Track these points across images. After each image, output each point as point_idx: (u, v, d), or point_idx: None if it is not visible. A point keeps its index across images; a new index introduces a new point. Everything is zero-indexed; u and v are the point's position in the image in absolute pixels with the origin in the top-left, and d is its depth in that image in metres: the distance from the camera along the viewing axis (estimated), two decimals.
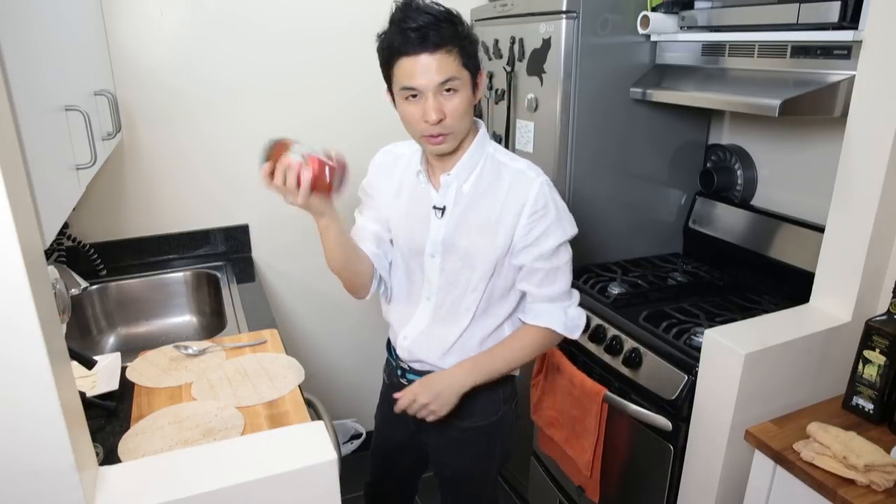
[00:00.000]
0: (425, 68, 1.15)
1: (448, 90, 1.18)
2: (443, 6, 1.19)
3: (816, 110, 1.42)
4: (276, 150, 1.15)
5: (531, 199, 1.24)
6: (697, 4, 1.74)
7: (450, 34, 1.16)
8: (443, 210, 1.29)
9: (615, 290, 1.77)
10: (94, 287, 1.94)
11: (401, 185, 1.36)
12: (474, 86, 1.22)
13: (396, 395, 1.36)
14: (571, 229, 1.30)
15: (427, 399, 1.31)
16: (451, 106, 1.19)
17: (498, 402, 1.41)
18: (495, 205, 1.26)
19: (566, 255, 1.31)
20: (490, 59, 2.14)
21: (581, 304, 1.37)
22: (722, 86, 1.63)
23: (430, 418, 1.33)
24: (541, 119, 1.90)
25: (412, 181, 1.34)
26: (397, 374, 1.46)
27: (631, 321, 1.61)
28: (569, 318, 1.34)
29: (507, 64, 2.01)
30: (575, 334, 1.36)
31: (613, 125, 1.88)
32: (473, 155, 1.28)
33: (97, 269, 2.02)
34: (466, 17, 2.32)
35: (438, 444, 1.46)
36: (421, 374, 1.40)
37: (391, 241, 1.41)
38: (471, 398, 1.36)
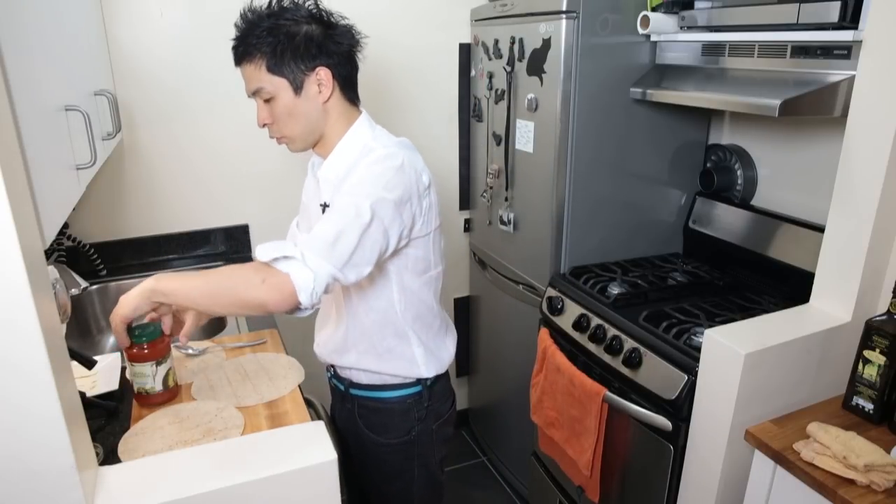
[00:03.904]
0: (244, 78, 1.22)
1: (265, 99, 1.20)
2: (260, 8, 1.18)
3: (816, 110, 1.42)
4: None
5: (361, 160, 1.19)
6: (697, 4, 1.73)
7: (253, 42, 1.16)
8: (324, 207, 1.26)
9: (615, 290, 1.77)
10: (94, 287, 1.94)
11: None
12: (297, 87, 1.18)
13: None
14: (376, 192, 1.11)
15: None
16: (273, 112, 1.21)
17: (410, 420, 1.37)
18: None
19: (353, 214, 1.09)
20: (490, 59, 2.14)
21: (581, 304, 1.35)
22: (722, 86, 1.63)
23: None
24: (541, 119, 1.90)
25: (311, 176, 1.34)
26: (328, 374, 1.47)
27: (631, 321, 1.61)
28: (303, 272, 1.05)
29: (507, 64, 2.01)
30: (281, 291, 1.04)
31: (613, 125, 1.88)
32: (345, 147, 1.25)
33: (97, 269, 2.02)
34: (466, 18, 2.35)
35: (357, 455, 1.44)
36: (341, 379, 1.40)
37: None
38: (383, 414, 1.36)
